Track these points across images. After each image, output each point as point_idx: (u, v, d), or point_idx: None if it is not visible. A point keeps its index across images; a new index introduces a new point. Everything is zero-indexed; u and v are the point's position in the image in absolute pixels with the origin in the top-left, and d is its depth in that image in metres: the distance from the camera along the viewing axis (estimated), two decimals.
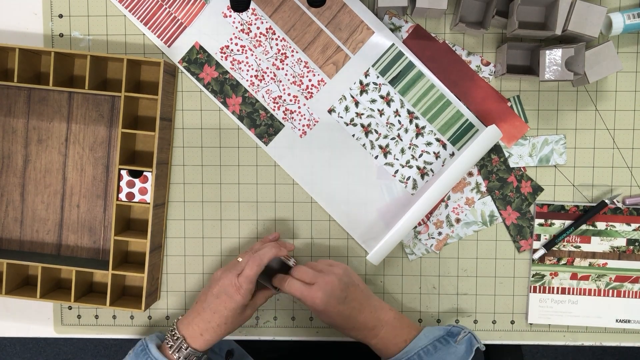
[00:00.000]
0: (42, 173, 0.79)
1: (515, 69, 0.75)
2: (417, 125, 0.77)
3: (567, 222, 0.78)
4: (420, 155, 0.78)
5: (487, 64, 0.77)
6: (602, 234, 0.78)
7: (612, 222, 0.78)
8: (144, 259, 0.75)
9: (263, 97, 0.78)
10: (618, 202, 0.77)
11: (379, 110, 0.77)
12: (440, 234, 0.79)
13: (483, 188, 0.78)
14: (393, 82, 0.77)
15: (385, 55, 0.77)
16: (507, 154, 0.78)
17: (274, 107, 0.78)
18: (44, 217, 0.80)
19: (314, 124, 0.78)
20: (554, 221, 0.78)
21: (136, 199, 0.74)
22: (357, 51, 0.77)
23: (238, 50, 0.78)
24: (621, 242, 0.78)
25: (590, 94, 0.77)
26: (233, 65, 0.78)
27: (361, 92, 0.78)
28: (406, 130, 0.77)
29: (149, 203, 0.73)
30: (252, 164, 0.79)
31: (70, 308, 0.82)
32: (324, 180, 0.79)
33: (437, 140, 0.77)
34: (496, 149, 0.77)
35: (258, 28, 0.77)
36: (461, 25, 0.73)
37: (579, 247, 0.78)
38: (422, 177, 0.78)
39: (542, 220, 0.78)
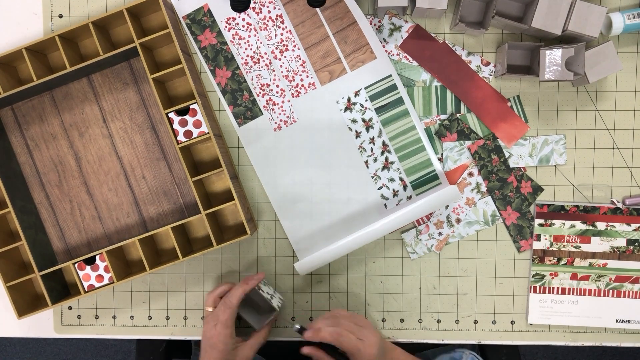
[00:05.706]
0: (97, 162, 0.79)
1: (515, 69, 0.75)
2: (386, 159, 0.78)
3: (568, 222, 0.78)
4: (380, 188, 0.78)
5: (487, 64, 0.77)
6: (602, 234, 0.78)
7: (612, 222, 0.78)
8: (227, 195, 0.78)
9: (252, 79, 0.78)
10: (618, 202, 0.77)
11: (356, 131, 0.78)
12: (440, 234, 0.79)
13: (483, 188, 0.78)
14: (379, 110, 0.77)
15: (379, 83, 0.77)
16: (507, 154, 0.77)
17: (259, 93, 0.78)
18: (117, 203, 0.79)
19: (292, 123, 0.78)
20: (554, 221, 0.78)
21: (195, 134, 0.74)
22: (355, 69, 0.77)
23: (243, 27, 0.77)
24: (621, 242, 0.78)
25: (590, 94, 0.77)
26: (234, 39, 0.77)
27: (346, 109, 0.78)
28: (375, 160, 0.78)
29: (208, 132, 0.73)
30: None
31: (70, 308, 0.82)
32: (280, 179, 0.79)
33: (401, 179, 0.78)
34: (496, 149, 0.77)
35: (269, 12, 0.77)
36: (461, 25, 0.73)
37: (579, 247, 0.78)
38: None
39: (542, 221, 0.78)
